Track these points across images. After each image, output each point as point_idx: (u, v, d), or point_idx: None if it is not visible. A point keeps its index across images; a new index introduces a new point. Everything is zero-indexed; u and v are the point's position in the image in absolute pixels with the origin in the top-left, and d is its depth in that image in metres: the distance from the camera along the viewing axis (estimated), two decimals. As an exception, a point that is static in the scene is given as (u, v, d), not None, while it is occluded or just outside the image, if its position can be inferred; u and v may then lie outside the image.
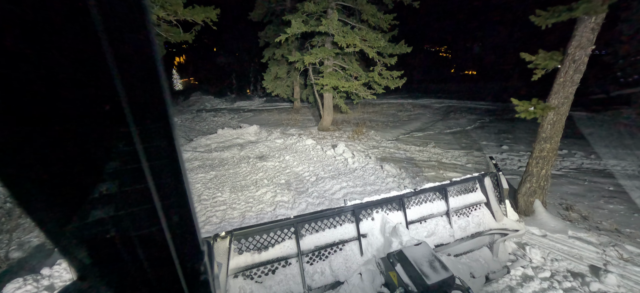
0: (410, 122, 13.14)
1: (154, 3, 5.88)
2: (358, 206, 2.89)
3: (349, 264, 2.73)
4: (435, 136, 10.24)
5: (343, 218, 2.88)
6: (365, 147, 8.92)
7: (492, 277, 3.05)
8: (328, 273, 2.67)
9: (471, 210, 3.41)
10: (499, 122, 12.28)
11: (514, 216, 3.53)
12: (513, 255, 3.49)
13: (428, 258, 2.35)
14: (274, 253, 2.58)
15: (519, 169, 6.79)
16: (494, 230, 3.28)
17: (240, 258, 2.48)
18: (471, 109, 15.69)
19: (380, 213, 3.01)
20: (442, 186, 3.26)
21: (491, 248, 3.36)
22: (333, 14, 7.67)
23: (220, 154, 8.37)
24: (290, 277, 2.57)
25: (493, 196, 3.43)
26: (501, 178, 3.47)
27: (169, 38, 7.42)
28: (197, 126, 13.92)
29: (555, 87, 4.09)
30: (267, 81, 14.46)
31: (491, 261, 3.28)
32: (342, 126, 12.04)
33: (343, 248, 2.81)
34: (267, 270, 2.57)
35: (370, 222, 2.96)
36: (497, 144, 8.88)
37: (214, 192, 5.67)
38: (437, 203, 3.25)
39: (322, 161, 7.27)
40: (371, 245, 2.86)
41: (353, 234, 2.84)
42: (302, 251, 2.63)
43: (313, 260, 2.71)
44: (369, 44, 8.20)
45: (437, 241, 3.04)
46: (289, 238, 2.66)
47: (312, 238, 2.72)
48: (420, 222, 3.14)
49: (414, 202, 3.19)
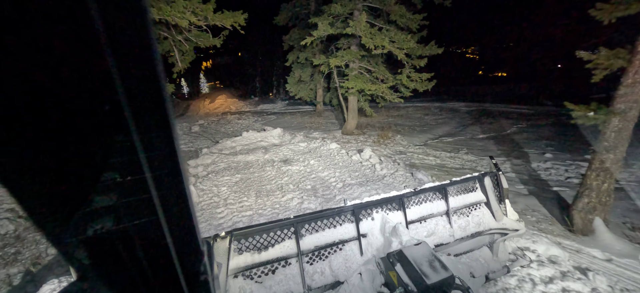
0: (438, 126, 12.56)
1: (185, 9, 6.02)
2: (358, 206, 2.88)
3: (348, 264, 2.71)
4: (467, 142, 9.65)
5: (343, 218, 2.86)
6: (392, 152, 8.58)
7: (492, 276, 3.01)
8: (328, 273, 2.65)
9: (471, 209, 3.38)
10: (538, 127, 11.38)
11: (513, 215, 3.47)
12: (513, 254, 3.44)
13: (428, 258, 2.33)
14: (273, 253, 2.57)
15: (567, 180, 6.15)
16: (494, 230, 3.24)
17: (240, 258, 2.48)
18: (504, 113, 14.73)
19: (380, 213, 2.98)
20: (442, 186, 3.24)
21: (491, 248, 3.33)
22: (361, 15, 7.45)
23: (245, 157, 8.41)
24: (290, 277, 2.56)
25: (493, 195, 3.39)
26: (501, 178, 3.43)
27: (199, 43, 7.60)
28: (222, 128, 14.24)
29: (621, 89, 3.60)
30: (290, 84, 14.50)
31: (491, 260, 3.25)
32: (367, 130, 11.74)
33: (343, 248, 2.80)
34: (267, 270, 2.56)
35: (370, 222, 2.94)
36: (538, 152, 8.17)
37: (240, 196, 5.64)
38: (437, 202, 3.22)
39: (348, 167, 7.05)
40: (371, 245, 2.84)
41: (353, 234, 2.82)
42: (302, 251, 2.62)
43: (313, 260, 2.70)
44: (397, 45, 7.89)
45: (437, 241, 3.01)
46: (289, 238, 2.65)
47: (312, 238, 2.71)
48: (420, 222, 3.11)
49: (413, 202, 3.16)
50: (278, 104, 21.78)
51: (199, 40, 7.66)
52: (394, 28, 8.99)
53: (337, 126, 13.10)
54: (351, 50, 9.31)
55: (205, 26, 7.26)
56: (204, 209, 5.14)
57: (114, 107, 0.43)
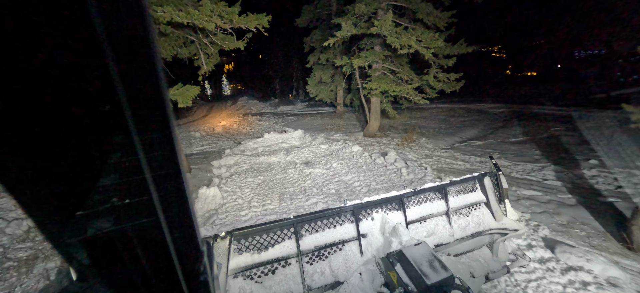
0: (466, 129, 11.97)
1: (212, 12, 6.09)
2: (358, 206, 2.89)
3: (348, 264, 2.71)
4: (499, 146, 9.08)
5: (343, 218, 2.87)
6: (418, 156, 8.24)
7: (492, 276, 3.00)
8: (328, 273, 2.66)
9: (471, 209, 3.38)
10: (576, 131, 10.52)
11: (513, 215, 3.45)
12: (513, 254, 3.42)
13: (428, 258, 2.33)
14: (273, 253, 2.58)
15: (617, 190, 5.56)
16: (493, 230, 3.23)
17: (240, 258, 2.48)
18: (537, 115, 13.78)
19: (380, 213, 2.99)
20: (441, 186, 3.24)
21: (491, 248, 3.31)
22: (387, 14, 7.21)
23: (267, 158, 8.42)
24: (290, 277, 2.56)
25: (493, 196, 3.39)
26: (501, 178, 3.41)
27: (224, 46, 7.69)
28: (244, 129, 14.45)
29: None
30: (311, 86, 14.44)
31: (491, 260, 3.23)
32: (389, 132, 11.41)
33: (343, 248, 2.80)
34: (267, 270, 2.57)
35: (370, 222, 2.95)
36: (581, 157, 7.50)
37: (263, 199, 5.61)
38: (437, 202, 3.23)
39: (372, 171, 6.83)
40: (371, 245, 2.84)
41: (353, 234, 2.82)
42: (302, 252, 2.62)
43: (313, 260, 2.70)
44: (424, 44, 7.56)
45: (436, 241, 3.02)
46: (289, 238, 2.66)
47: (312, 238, 2.72)
48: (420, 222, 3.12)
49: (413, 202, 3.17)
50: (298, 106, 21.85)
51: (224, 43, 7.75)
52: (421, 26, 8.64)
53: (359, 127, 12.86)
54: (375, 50, 9.07)
55: (230, 29, 7.34)
56: (228, 211, 5.14)
57: (114, 108, 0.43)
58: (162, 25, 5.76)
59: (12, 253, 4.31)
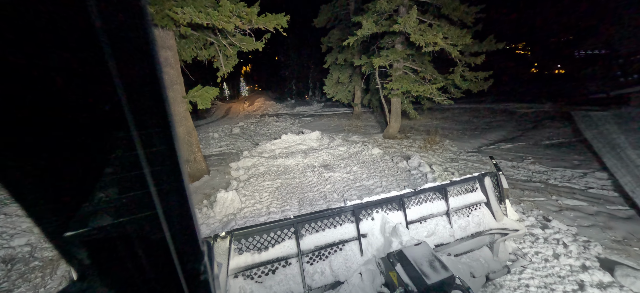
0: (492, 130, 11.31)
1: (231, 13, 6.01)
2: (358, 206, 2.88)
3: (349, 264, 2.70)
4: (531, 149, 8.45)
5: (343, 218, 2.86)
6: (442, 160, 7.80)
7: (492, 276, 3.00)
8: (328, 273, 2.66)
9: (471, 209, 3.37)
10: (617, 133, 9.62)
11: (514, 215, 3.44)
12: (513, 254, 3.43)
13: (428, 258, 2.32)
14: (274, 253, 2.58)
15: (677, 201, 4.92)
16: (494, 230, 3.22)
17: (240, 258, 2.49)
18: (572, 116, 12.82)
19: (380, 213, 2.99)
20: (442, 186, 3.24)
21: (491, 248, 3.31)
22: (411, 10, 6.86)
23: (285, 160, 8.27)
24: (290, 276, 2.56)
25: (493, 195, 3.38)
26: (501, 178, 3.40)
27: (242, 47, 7.63)
28: (261, 130, 14.45)
29: None
30: (328, 86, 14.23)
31: (491, 260, 3.24)
32: (410, 134, 10.97)
33: (343, 248, 2.80)
34: (267, 270, 2.57)
35: (370, 222, 2.94)
36: (626, 162, 6.79)
37: (282, 204, 5.44)
38: (437, 202, 3.21)
39: (394, 175, 6.50)
40: (371, 245, 2.83)
41: (353, 234, 2.82)
42: (302, 251, 2.62)
43: (313, 260, 2.70)
44: (451, 41, 7.14)
45: (437, 241, 3.01)
46: (289, 238, 2.66)
47: (312, 238, 2.72)
48: (421, 222, 3.11)
49: (414, 202, 3.16)
50: (314, 107, 21.71)
51: (242, 44, 7.69)
52: (446, 23, 8.20)
53: (378, 129, 12.49)
54: (396, 49, 8.71)
55: (248, 30, 7.26)
56: (246, 217, 5.00)
57: (114, 107, 0.43)
58: (183, 27, 5.73)
59: (39, 252, 4.38)
